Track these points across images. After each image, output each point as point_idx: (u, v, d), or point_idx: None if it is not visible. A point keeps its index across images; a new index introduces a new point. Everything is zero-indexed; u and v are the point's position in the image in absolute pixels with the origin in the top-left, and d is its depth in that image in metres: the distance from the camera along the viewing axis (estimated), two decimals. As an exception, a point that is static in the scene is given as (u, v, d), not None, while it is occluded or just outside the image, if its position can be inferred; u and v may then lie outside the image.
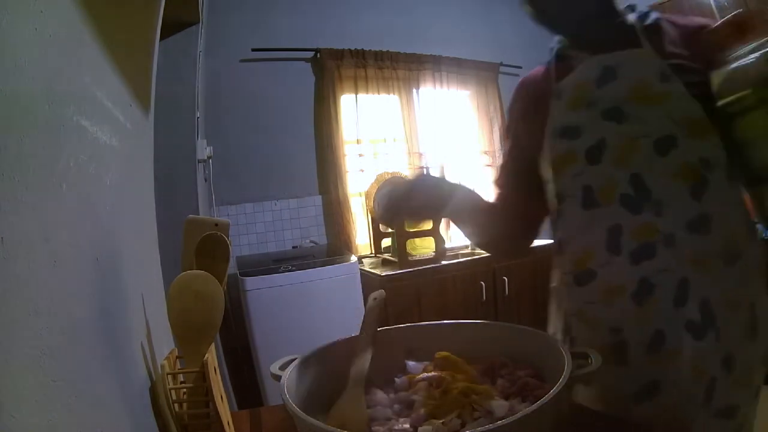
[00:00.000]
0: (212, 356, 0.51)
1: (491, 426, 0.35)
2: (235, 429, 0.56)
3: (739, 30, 0.60)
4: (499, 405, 0.43)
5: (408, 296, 2.18)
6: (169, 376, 0.49)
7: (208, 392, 0.48)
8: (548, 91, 0.70)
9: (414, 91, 2.88)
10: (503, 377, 0.51)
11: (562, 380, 0.40)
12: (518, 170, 0.80)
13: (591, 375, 0.44)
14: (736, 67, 0.56)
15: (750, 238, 0.63)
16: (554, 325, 0.75)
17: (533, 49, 3.53)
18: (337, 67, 2.65)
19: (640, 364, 0.62)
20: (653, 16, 0.67)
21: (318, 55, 2.66)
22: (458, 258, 2.46)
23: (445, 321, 0.61)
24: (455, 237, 2.89)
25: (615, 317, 0.64)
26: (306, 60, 2.69)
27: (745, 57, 0.56)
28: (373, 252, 2.65)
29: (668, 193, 0.61)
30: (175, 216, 0.78)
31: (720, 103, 0.59)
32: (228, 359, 1.96)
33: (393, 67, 2.78)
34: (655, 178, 0.61)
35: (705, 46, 0.63)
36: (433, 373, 0.51)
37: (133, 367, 0.49)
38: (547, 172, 0.71)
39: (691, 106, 0.60)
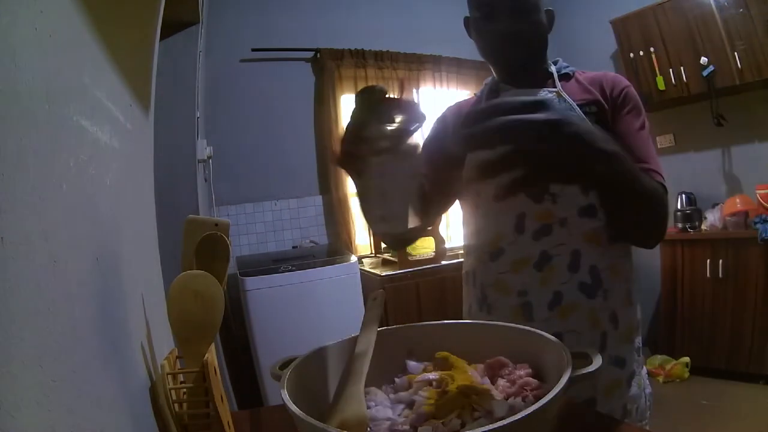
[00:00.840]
0: (212, 356, 0.51)
1: (491, 426, 0.35)
2: (235, 429, 0.56)
3: None
4: (499, 405, 0.43)
5: (408, 296, 2.18)
6: (169, 376, 0.49)
7: (208, 392, 0.48)
8: None
9: (414, 90, 2.88)
10: (503, 377, 0.51)
11: (562, 380, 0.40)
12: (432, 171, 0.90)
13: (590, 375, 0.44)
14: None
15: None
16: (468, 302, 0.94)
17: (533, 49, 3.53)
18: (337, 67, 2.65)
19: (544, 319, 0.77)
20: (568, 69, 0.87)
21: (318, 55, 2.66)
22: (458, 258, 2.46)
23: (445, 321, 0.61)
24: (455, 237, 2.89)
25: (522, 282, 0.80)
26: (306, 60, 2.69)
27: None
28: (373, 252, 2.65)
29: (562, 188, 0.78)
30: (175, 216, 0.78)
31: None
32: (228, 359, 1.96)
33: (393, 67, 2.79)
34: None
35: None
36: (433, 373, 0.51)
37: (133, 367, 0.49)
38: (468, 174, 0.87)
39: None
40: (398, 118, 0.49)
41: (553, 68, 0.87)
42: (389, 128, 0.48)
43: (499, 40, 0.82)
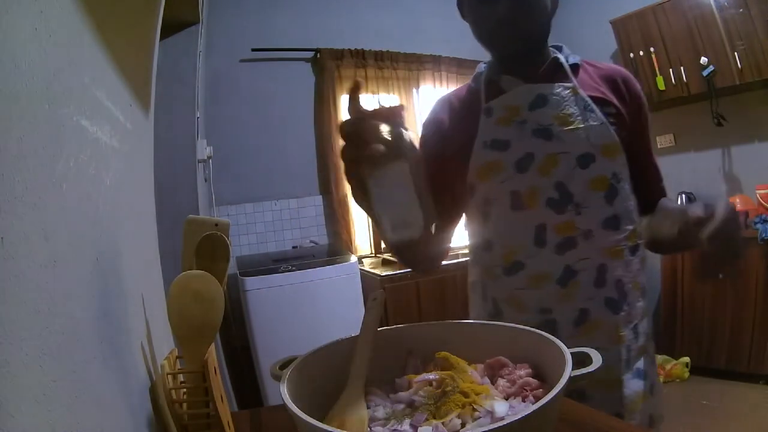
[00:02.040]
0: (212, 356, 0.51)
1: (491, 426, 0.35)
2: (235, 429, 0.56)
3: None
4: (499, 405, 0.43)
5: (408, 296, 2.18)
6: (169, 376, 0.49)
7: (208, 392, 0.48)
8: (475, 109, 0.81)
9: (414, 90, 2.88)
10: (503, 377, 0.51)
11: (562, 380, 0.40)
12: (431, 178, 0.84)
13: (590, 375, 0.44)
14: None
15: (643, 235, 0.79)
16: (476, 312, 0.86)
17: (533, 49, 3.52)
18: (337, 67, 2.65)
19: (569, 336, 0.70)
20: (575, 59, 0.81)
21: (318, 55, 2.66)
22: (458, 258, 2.46)
23: (445, 321, 0.61)
24: (455, 237, 2.89)
25: (543, 299, 0.75)
26: (306, 60, 2.69)
27: None
28: (373, 252, 2.65)
29: (586, 197, 0.74)
30: (175, 216, 0.78)
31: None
32: (228, 359, 1.96)
33: (393, 67, 2.78)
34: (575, 185, 0.74)
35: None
36: (433, 373, 0.51)
37: (133, 367, 0.49)
38: (473, 178, 0.80)
39: (606, 133, 0.74)
40: (386, 124, 0.50)
41: (561, 57, 0.80)
42: (383, 129, 0.49)
43: (496, 23, 0.74)
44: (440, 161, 0.82)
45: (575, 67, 0.80)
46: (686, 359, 2.45)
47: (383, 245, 2.59)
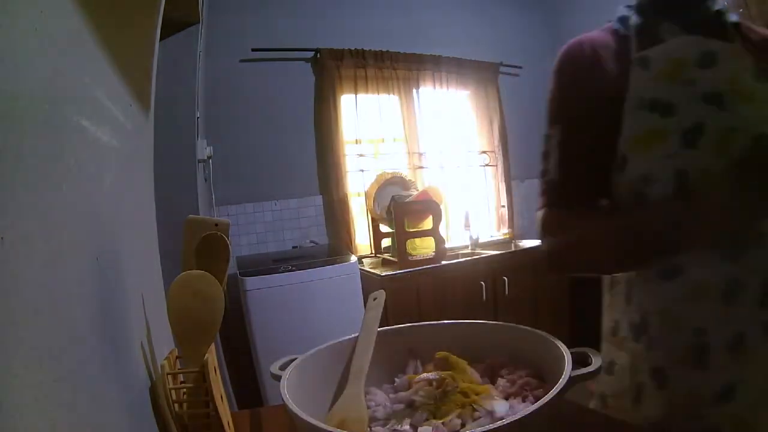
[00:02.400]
0: (212, 356, 0.51)
1: (491, 426, 0.35)
2: (235, 429, 0.56)
3: None
4: (499, 405, 0.43)
5: (408, 296, 2.18)
6: (169, 376, 0.49)
7: (208, 392, 0.48)
8: (622, 58, 0.64)
9: (414, 91, 2.88)
10: (503, 377, 0.51)
11: (562, 380, 0.40)
12: (583, 156, 0.67)
13: (590, 375, 0.44)
14: None
15: None
16: (614, 318, 0.69)
17: (533, 49, 3.55)
18: (337, 67, 2.65)
19: (720, 366, 0.58)
20: (734, 16, 0.65)
21: (318, 55, 2.66)
22: (458, 258, 2.46)
23: (445, 321, 0.61)
24: (455, 237, 2.89)
25: (700, 317, 0.59)
26: (306, 60, 2.69)
27: None
28: (373, 252, 2.65)
29: None
30: (175, 216, 0.78)
31: None
32: (228, 359, 1.96)
33: (393, 67, 2.78)
34: (755, 171, 0.56)
35: None
36: (433, 373, 0.51)
37: (133, 367, 0.49)
38: (625, 149, 0.63)
39: None
40: None
41: (726, 12, 0.64)
42: None
43: None
44: (589, 128, 0.66)
45: (736, 27, 0.65)
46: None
47: (383, 245, 2.59)
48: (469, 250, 2.76)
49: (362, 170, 2.72)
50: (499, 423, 0.35)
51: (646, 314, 0.64)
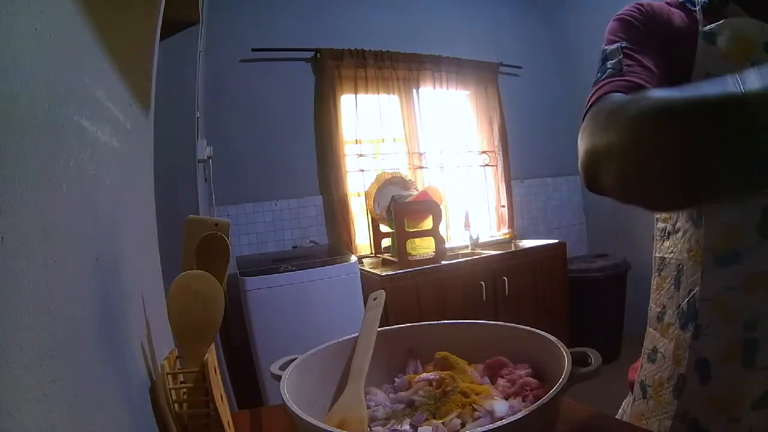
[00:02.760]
0: (212, 356, 0.51)
1: (491, 426, 0.35)
2: (235, 429, 0.56)
3: None
4: (499, 405, 0.43)
5: (408, 296, 2.18)
6: (169, 376, 0.49)
7: (208, 392, 0.48)
8: (688, 31, 0.62)
9: (414, 91, 2.88)
10: (503, 377, 0.51)
11: (562, 380, 0.40)
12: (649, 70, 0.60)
13: (590, 375, 0.44)
14: None
15: None
16: (662, 303, 0.66)
17: (533, 49, 3.54)
18: (337, 67, 2.65)
19: (766, 367, 0.56)
20: None
21: (318, 55, 2.66)
22: (458, 258, 2.46)
23: (445, 321, 0.61)
24: (455, 237, 2.89)
25: (753, 309, 0.57)
26: (306, 60, 2.69)
27: None
28: (373, 252, 2.65)
29: None
30: (175, 216, 0.78)
31: None
32: (228, 359, 1.96)
33: (393, 67, 2.78)
34: None
35: None
36: (433, 373, 0.51)
37: (133, 367, 0.49)
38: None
39: None
40: None
41: None
42: None
43: None
44: (657, 59, 0.61)
45: None
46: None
47: (383, 245, 2.59)
48: (469, 250, 2.76)
49: (362, 170, 2.72)
50: (499, 423, 0.35)
51: (697, 300, 0.60)
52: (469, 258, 2.44)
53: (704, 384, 0.59)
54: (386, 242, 2.58)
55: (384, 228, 2.56)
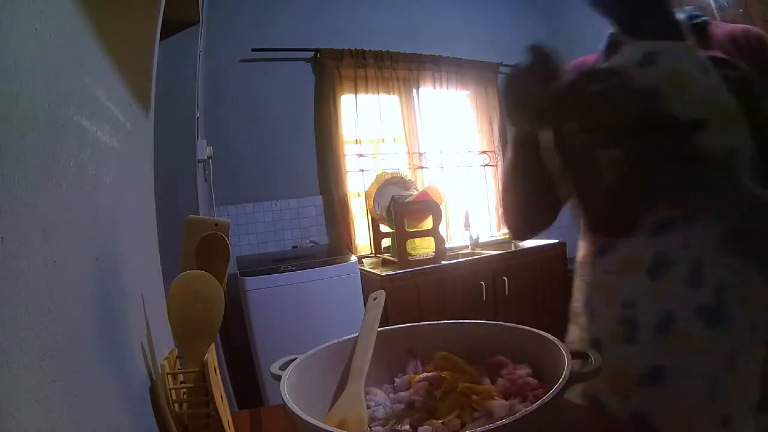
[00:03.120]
0: (212, 356, 0.51)
1: (491, 426, 0.35)
2: (235, 429, 0.56)
3: None
4: (499, 405, 0.43)
5: (408, 296, 2.18)
6: (169, 376, 0.49)
7: (208, 392, 0.48)
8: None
9: (414, 91, 2.88)
10: (503, 377, 0.51)
11: (562, 380, 0.40)
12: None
13: (590, 375, 0.44)
14: None
15: None
16: (577, 299, 0.76)
17: (533, 49, 3.54)
18: (337, 67, 2.65)
19: (648, 345, 0.61)
20: (702, 18, 0.70)
21: (318, 55, 2.66)
22: (458, 258, 2.46)
23: (445, 321, 0.61)
24: (455, 237, 2.89)
25: (629, 290, 0.64)
26: (306, 60, 2.69)
27: None
28: (373, 252, 2.65)
29: (694, 170, 0.60)
30: (175, 216, 0.78)
31: None
32: (228, 359, 1.96)
33: (393, 67, 2.78)
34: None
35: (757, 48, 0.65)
36: (433, 373, 0.51)
37: (133, 367, 0.49)
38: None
39: (724, 97, 0.61)
40: None
41: (682, 16, 0.71)
42: None
43: None
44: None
45: (699, 27, 0.70)
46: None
47: (383, 245, 2.59)
48: (469, 250, 2.76)
49: (362, 170, 2.72)
50: (499, 423, 0.35)
51: (590, 287, 0.70)
52: (469, 258, 2.44)
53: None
54: (386, 242, 2.58)
55: (384, 228, 2.56)
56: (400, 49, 2.81)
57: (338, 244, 2.60)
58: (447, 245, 2.52)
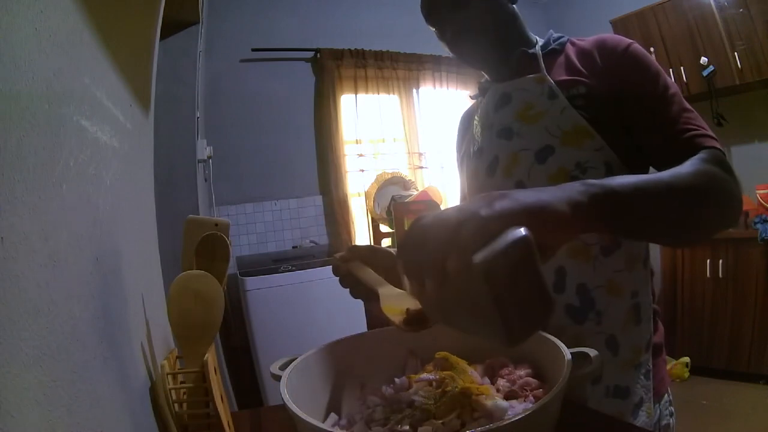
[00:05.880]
0: (212, 356, 0.51)
1: (491, 426, 0.34)
2: (235, 429, 0.56)
3: None
4: (499, 405, 0.43)
5: (408, 296, 2.18)
6: (169, 376, 0.49)
7: (208, 392, 0.48)
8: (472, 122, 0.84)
9: (414, 90, 2.88)
10: (503, 377, 0.51)
11: (562, 380, 0.40)
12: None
13: (590, 375, 0.44)
14: None
15: None
16: None
17: (533, 49, 3.53)
18: (337, 67, 2.65)
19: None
20: (559, 41, 0.76)
21: (318, 55, 2.66)
22: (458, 258, 2.45)
23: (445, 321, 0.61)
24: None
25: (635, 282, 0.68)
26: (306, 60, 2.69)
27: None
28: (373, 252, 2.64)
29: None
30: (175, 216, 0.78)
31: None
32: (228, 359, 1.96)
33: (393, 67, 2.78)
34: (533, 183, 0.71)
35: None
36: (433, 373, 0.51)
37: (133, 367, 0.49)
38: (465, 190, 0.87)
39: (567, 119, 0.68)
40: None
41: (537, 47, 0.75)
42: None
43: (451, 40, 0.78)
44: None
45: (555, 53, 0.75)
46: (686, 359, 2.45)
47: (383, 245, 2.59)
48: (469, 250, 2.76)
49: (362, 170, 2.71)
50: (499, 423, 0.35)
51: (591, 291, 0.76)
52: (469, 258, 2.44)
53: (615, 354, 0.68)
54: (386, 242, 2.58)
55: (384, 228, 2.56)
56: (400, 49, 2.81)
57: (338, 244, 2.60)
58: (447, 245, 2.52)
